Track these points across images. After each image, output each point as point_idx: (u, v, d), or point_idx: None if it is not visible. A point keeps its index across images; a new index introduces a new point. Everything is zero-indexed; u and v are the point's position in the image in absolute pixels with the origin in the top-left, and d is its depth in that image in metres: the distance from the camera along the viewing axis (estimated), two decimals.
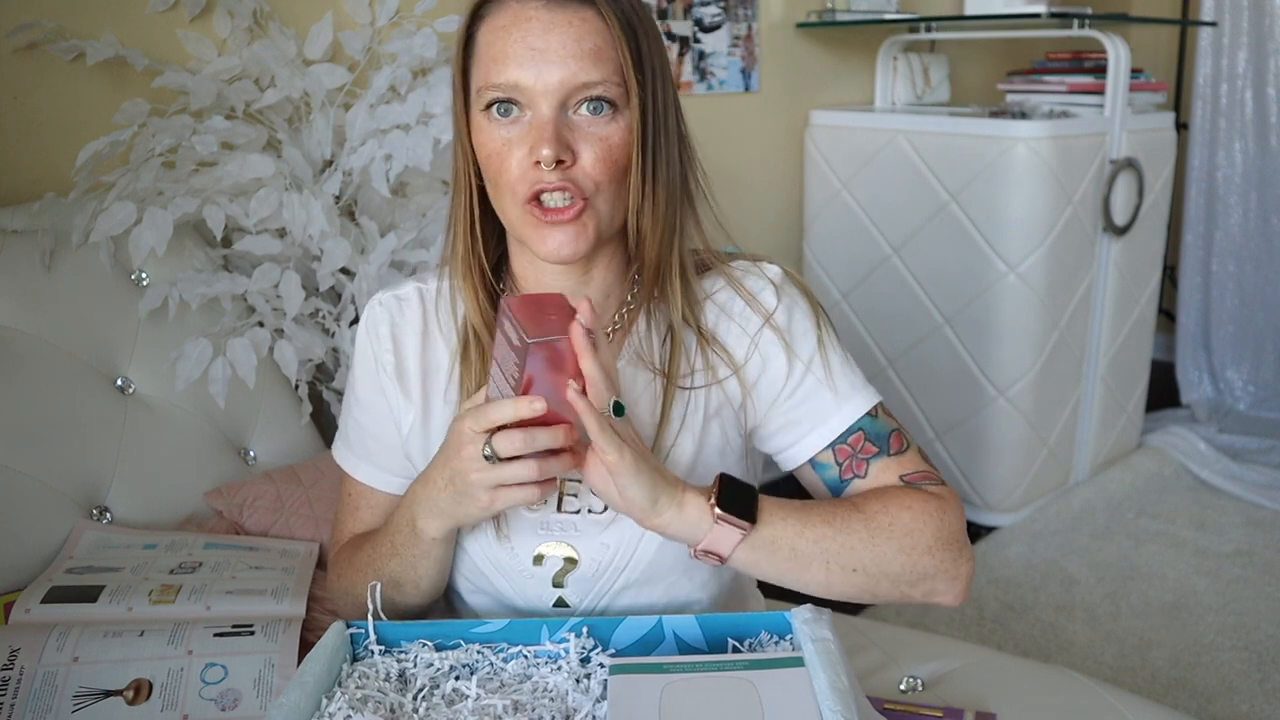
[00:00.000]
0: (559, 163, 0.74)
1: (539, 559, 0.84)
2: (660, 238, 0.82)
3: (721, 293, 0.87)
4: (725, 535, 0.76)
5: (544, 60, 0.74)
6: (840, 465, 0.86)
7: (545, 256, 0.78)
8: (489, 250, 0.86)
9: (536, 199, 0.76)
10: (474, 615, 0.90)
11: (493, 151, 0.78)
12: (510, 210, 0.79)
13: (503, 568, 0.84)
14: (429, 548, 0.82)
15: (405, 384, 0.89)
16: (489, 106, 0.77)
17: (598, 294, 0.86)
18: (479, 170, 0.81)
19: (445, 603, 0.95)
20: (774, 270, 0.88)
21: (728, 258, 0.90)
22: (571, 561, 0.83)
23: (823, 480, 0.88)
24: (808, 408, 0.86)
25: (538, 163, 0.75)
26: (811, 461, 0.87)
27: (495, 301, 0.87)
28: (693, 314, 0.85)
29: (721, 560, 0.77)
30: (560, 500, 0.84)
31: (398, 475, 0.92)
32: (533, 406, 0.70)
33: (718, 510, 0.75)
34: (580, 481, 0.83)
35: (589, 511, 0.83)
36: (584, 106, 0.76)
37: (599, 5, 0.75)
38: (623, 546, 0.83)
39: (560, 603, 0.85)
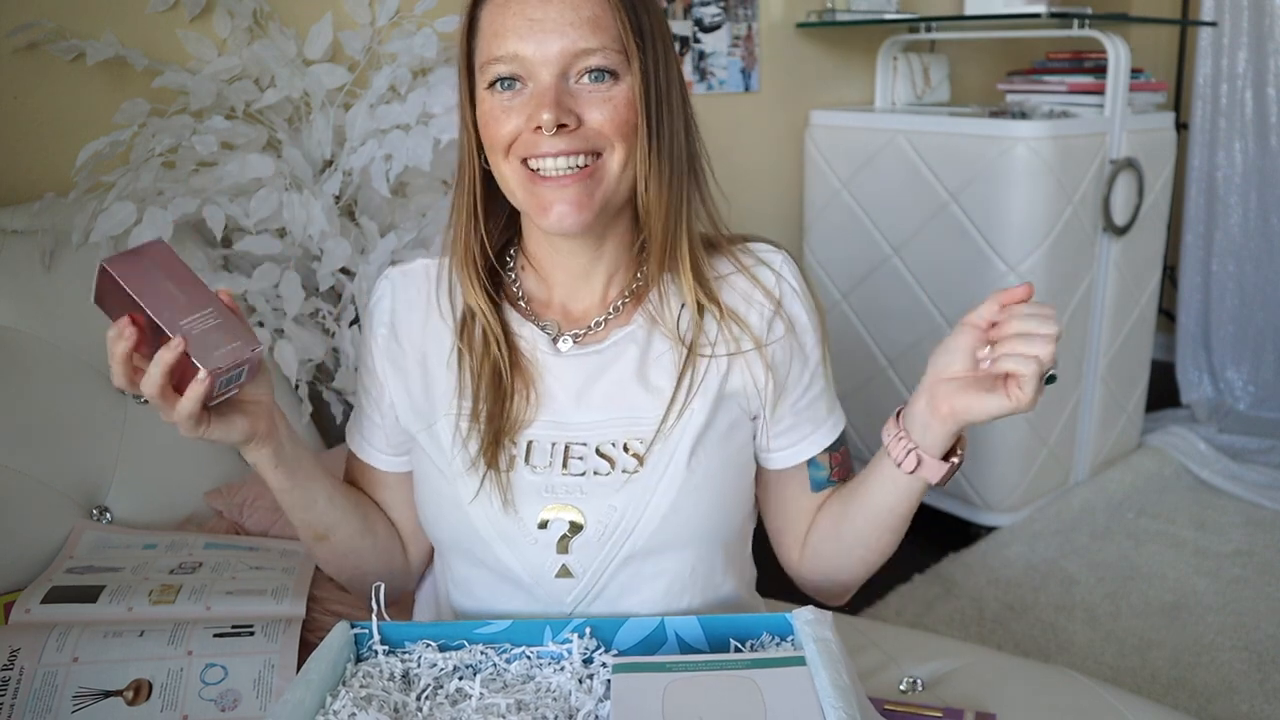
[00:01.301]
0: (561, 126, 0.76)
1: (544, 524, 0.83)
2: (666, 209, 0.83)
3: (737, 277, 0.88)
4: (948, 469, 0.81)
5: (543, 30, 0.76)
6: (833, 468, 0.91)
7: (547, 228, 0.80)
8: (492, 236, 0.87)
9: (530, 165, 0.78)
10: (469, 596, 0.90)
11: (491, 119, 0.79)
12: (510, 179, 0.80)
13: (507, 535, 0.84)
14: (268, 479, 0.85)
15: (400, 353, 0.90)
16: (492, 85, 0.78)
17: (610, 267, 0.88)
18: (484, 154, 0.83)
19: (443, 604, 0.95)
20: (779, 261, 0.90)
21: (738, 239, 0.91)
22: (576, 527, 0.83)
23: (812, 478, 0.91)
24: (812, 411, 0.89)
25: (538, 128, 0.76)
26: (809, 460, 0.90)
27: (496, 287, 0.89)
28: (705, 289, 0.86)
29: (916, 465, 0.81)
30: (565, 462, 0.84)
31: (382, 450, 0.94)
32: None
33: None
34: (585, 444, 0.84)
35: (594, 474, 0.83)
36: (585, 76, 0.77)
37: None
38: (630, 510, 0.83)
39: (564, 572, 0.84)
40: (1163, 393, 3.05)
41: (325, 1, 1.59)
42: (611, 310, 0.88)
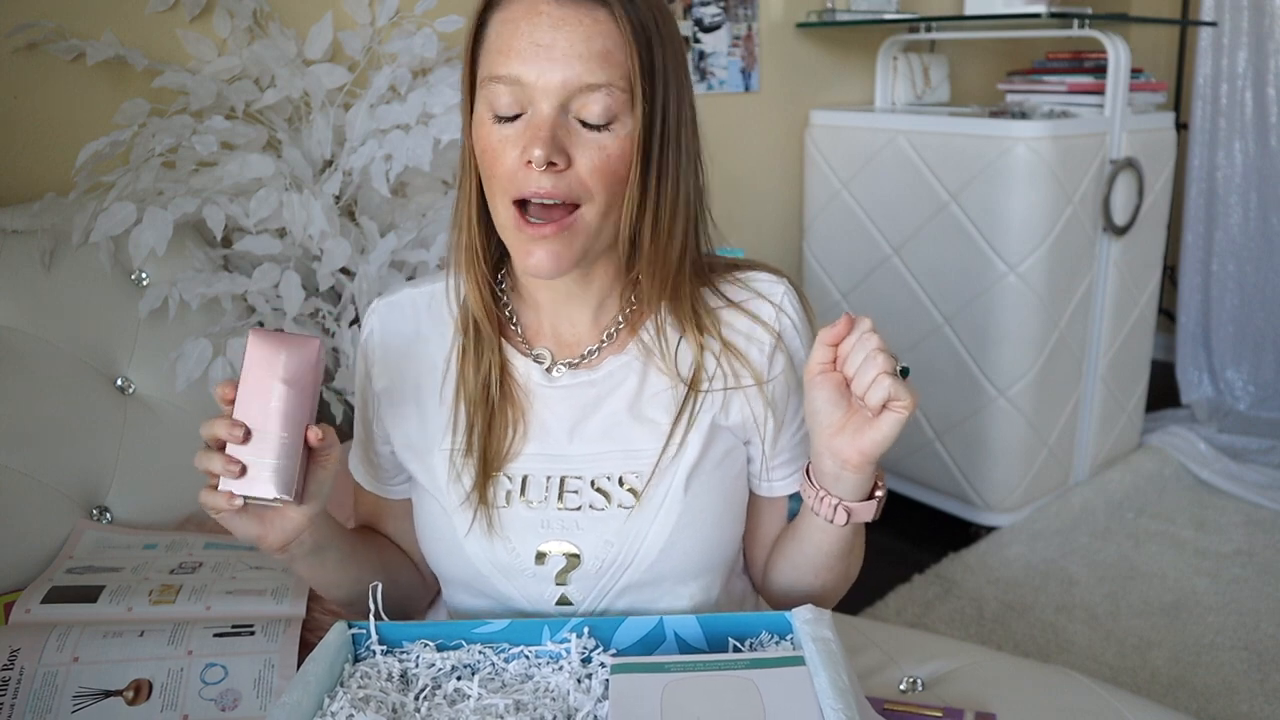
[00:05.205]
0: (550, 164, 0.73)
1: (541, 557, 0.83)
2: (663, 250, 0.81)
3: (736, 311, 0.87)
4: (877, 506, 0.82)
5: (549, 58, 0.73)
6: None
7: (526, 271, 0.78)
8: (491, 243, 0.85)
9: (522, 204, 0.76)
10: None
11: (487, 148, 0.76)
12: (501, 210, 0.78)
13: (504, 569, 0.84)
14: (283, 562, 0.83)
15: (396, 389, 0.88)
16: (490, 109, 0.76)
17: (598, 295, 0.86)
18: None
19: (446, 616, 0.95)
20: (780, 293, 0.88)
21: (734, 265, 0.89)
22: (574, 558, 0.83)
23: (790, 508, 0.91)
24: (807, 444, 0.88)
25: (529, 163, 0.73)
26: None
27: (496, 294, 0.87)
28: (703, 324, 0.85)
29: (847, 518, 0.80)
30: (561, 495, 0.83)
31: (386, 482, 0.94)
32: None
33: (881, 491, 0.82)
34: (580, 478, 0.83)
35: (590, 508, 0.83)
36: (585, 111, 0.74)
37: (612, 7, 0.73)
38: (626, 543, 0.82)
39: (563, 600, 0.84)
40: (1163, 393, 3.05)
41: (325, 1, 1.59)
42: (605, 338, 0.86)
